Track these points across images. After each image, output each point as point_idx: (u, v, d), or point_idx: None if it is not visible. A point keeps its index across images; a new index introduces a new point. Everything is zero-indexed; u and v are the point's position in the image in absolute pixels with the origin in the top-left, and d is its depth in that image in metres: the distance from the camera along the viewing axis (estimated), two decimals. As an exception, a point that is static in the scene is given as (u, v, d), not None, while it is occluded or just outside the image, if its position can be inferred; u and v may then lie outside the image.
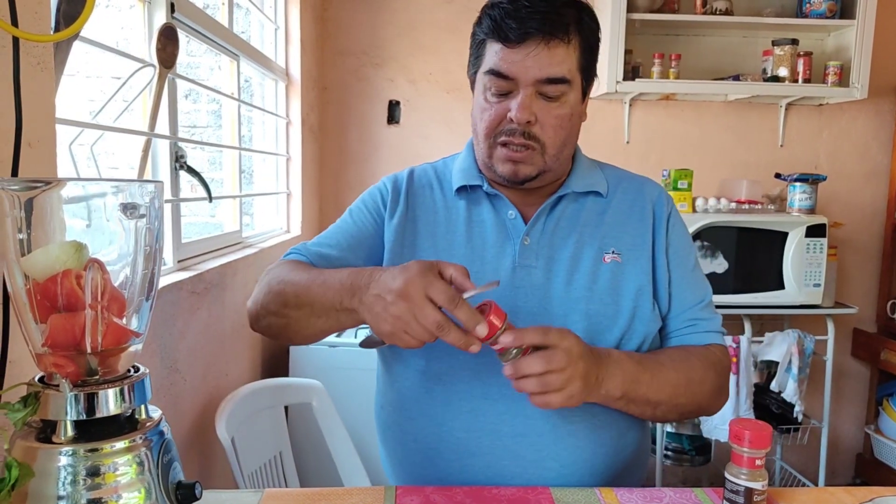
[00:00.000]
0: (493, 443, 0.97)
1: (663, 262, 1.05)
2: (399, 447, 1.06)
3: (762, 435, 0.81)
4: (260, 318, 1.02)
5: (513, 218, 1.05)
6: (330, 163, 2.84)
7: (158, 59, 1.36)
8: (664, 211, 1.08)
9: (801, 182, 2.55)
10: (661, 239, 1.06)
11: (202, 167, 1.82)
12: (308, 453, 1.90)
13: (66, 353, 0.64)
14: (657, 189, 1.12)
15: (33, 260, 0.64)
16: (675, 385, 0.97)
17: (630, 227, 1.06)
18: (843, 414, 3.01)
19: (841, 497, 0.90)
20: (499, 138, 0.99)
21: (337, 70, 2.80)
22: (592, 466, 0.98)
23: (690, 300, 1.06)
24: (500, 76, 0.96)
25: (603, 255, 1.03)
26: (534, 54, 0.94)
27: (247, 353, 1.87)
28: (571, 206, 1.07)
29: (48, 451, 0.62)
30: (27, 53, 0.84)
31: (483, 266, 1.03)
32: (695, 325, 1.06)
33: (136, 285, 0.69)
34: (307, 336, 0.99)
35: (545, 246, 1.03)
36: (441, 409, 1.00)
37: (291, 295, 0.96)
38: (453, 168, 1.12)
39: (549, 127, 0.98)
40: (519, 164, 0.99)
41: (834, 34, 2.72)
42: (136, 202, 0.68)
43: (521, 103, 0.95)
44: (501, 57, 0.96)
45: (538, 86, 0.95)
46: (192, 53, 2.04)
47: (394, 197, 1.11)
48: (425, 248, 1.06)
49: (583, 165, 1.10)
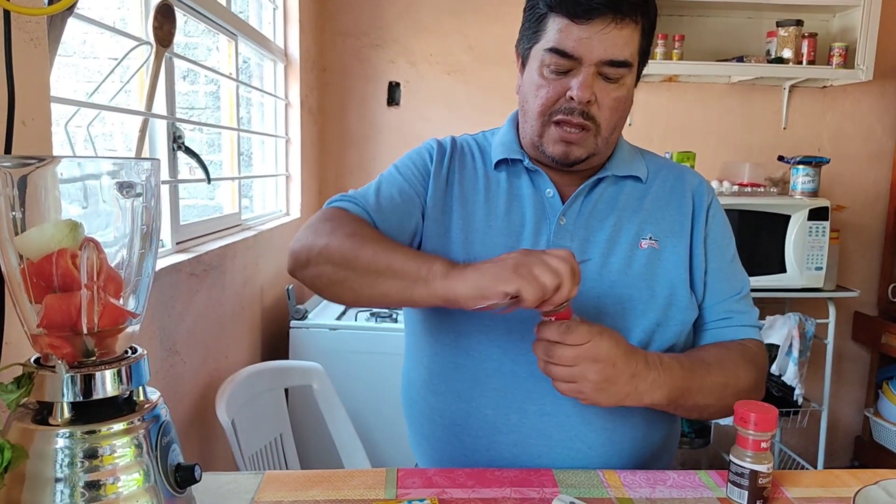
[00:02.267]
0: (521, 421, 0.97)
1: (701, 252, 1.03)
2: (426, 423, 1.06)
3: (768, 417, 0.80)
4: (311, 264, 0.93)
5: (550, 196, 1.03)
6: (329, 145, 2.82)
7: (155, 38, 1.34)
8: (704, 200, 1.06)
9: (804, 165, 2.53)
10: (700, 228, 1.04)
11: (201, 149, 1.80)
12: (308, 436, 1.90)
13: (62, 333, 0.63)
14: (697, 178, 1.10)
15: (27, 239, 0.62)
16: (722, 387, 0.95)
17: (668, 214, 1.04)
18: (842, 397, 3.01)
19: (845, 479, 0.90)
20: (554, 116, 0.97)
21: (337, 51, 2.77)
22: (620, 450, 0.98)
23: (727, 291, 1.05)
24: (563, 55, 0.93)
25: (640, 241, 1.01)
26: (603, 33, 0.91)
27: (247, 335, 1.86)
28: (610, 189, 1.05)
29: (45, 432, 0.61)
30: (20, 29, 0.82)
31: (518, 242, 1.01)
32: (730, 318, 1.04)
33: (133, 265, 0.68)
34: (363, 297, 0.92)
35: (581, 227, 1.02)
36: (469, 386, 0.99)
37: (368, 250, 0.89)
38: (493, 141, 1.10)
39: (607, 108, 0.96)
40: (572, 146, 0.97)
41: (839, 15, 2.68)
42: (133, 181, 0.67)
43: (583, 82, 0.93)
44: (567, 34, 0.92)
45: (601, 67, 0.93)
46: (189, 34, 2.01)
47: (439, 158, 1.08)
48: (464, 215, 1.03)
49: (624, 150, 1.08)
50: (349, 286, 0.91)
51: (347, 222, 0.95)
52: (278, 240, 2.18)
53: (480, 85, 2.78)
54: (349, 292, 0.92)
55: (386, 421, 1.96)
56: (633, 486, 0.87)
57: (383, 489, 0.84)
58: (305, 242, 0.95)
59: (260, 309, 1.98)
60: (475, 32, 2.75)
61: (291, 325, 1.98)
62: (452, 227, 1.03)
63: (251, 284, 1.89)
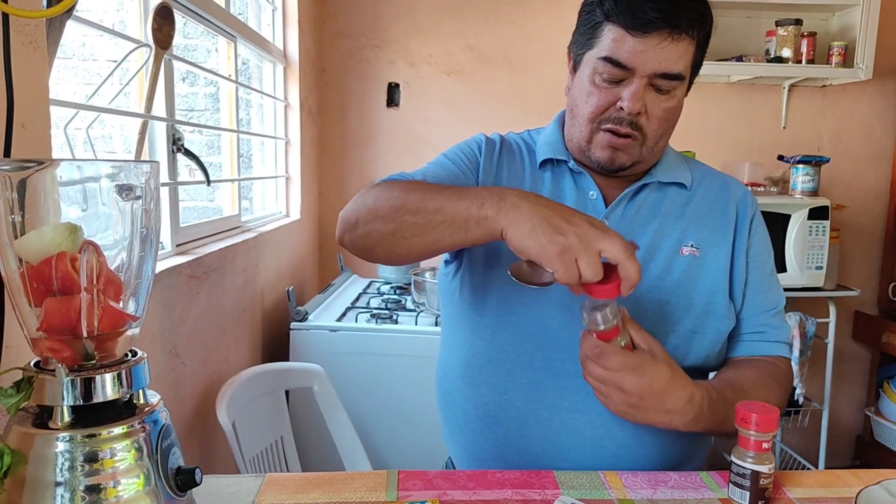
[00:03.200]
0: (552, 416, 0.97)
1: (742, 263, 1.04)
2: (460, 413, 1.07)
3: (769, 418, 0.80)
4: (360, 223, 0.92)
5: (594, 198, 1.04)
6: (329, 146, 2.82)
7: (154, 40, 1.33)
8: (748, 211, 1.07)
9: (803, 164, 2.53)
10: (743, 239, 1.05)
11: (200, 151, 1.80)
12: (309, 438, 1.90)
13: (62, 337, 0.63)
14: (742, 188, 1.10)
15: (27, 242, 0.62)
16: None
17: (711, 222, 1.04)
18: (843, 396, 3.01)
19: (847, 479, 0.89)
20: (603, 124, 0.97)
21: (336, 52, 2.77)
22: (651, 451, 0.98)
23: (763, 305, 1.05)
24: (616, 64, 0.93)
25: (681, 248, 1.02)
26: (659, 47, 0.91)
27: (247, 337, 1.86)
28: (654, 194, 1.05)
29: (45, 436, 0.61)
30: (18, 32, 0.82)
31: None
32: (764, 332, 1.05)
33: (133, 268, 0.68)
34: (414, 250, 0.88)
35: (623, 232, 1.00)
36: (503, 379, 1.00)
37: (415, 198, 0.86)
38: (539, 140, 1.11)
39: (656, 119, 0.96)
40: (618, 152, 0.98)
41: (838, 14, 2.68)
42: (132, 183, 0.67)
43: (634, 94, 0.93)
44: (622, 45, 0.92)
45: (653, 78, 0.93)
46: (188, 35, 2.01)
47: (489, 152, 1.09)
48: None
49: (670, 157, 1.08)
50: (401, 237, 0.87)
51: (396, 183, 0.95)
52: (278, 241, 2.18)
53: (480, 85, 2.78)
54: (402, 243, 0.88)
55: (387, 422, 1.96)
56: (634, 486, 0.87)
57: (384, 491, 0.84)
58: (354, 206, 0.94)
59: (260, 311, 1.98)
60: (474, 33, 2.75)
61: (292, 326, 1.97)
62: None
63: (251, 286, 1.89)
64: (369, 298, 2.30)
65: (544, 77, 2.77)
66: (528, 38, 2.76)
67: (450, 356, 1.10)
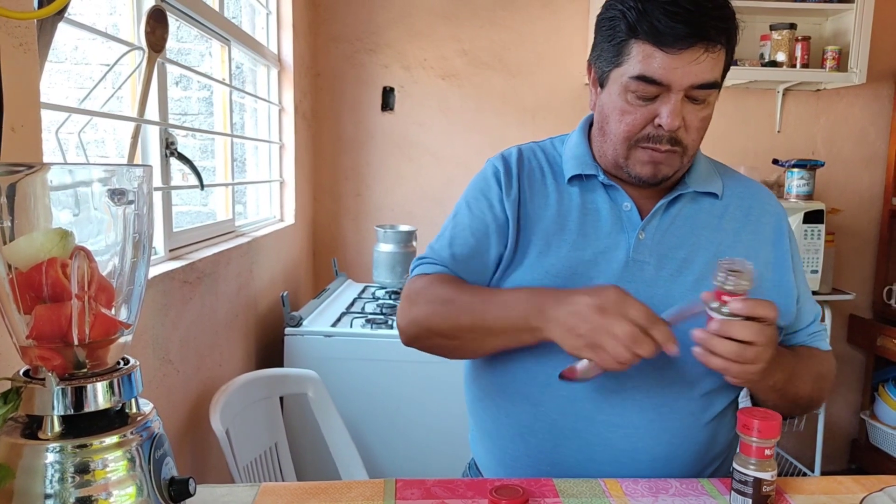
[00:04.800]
0: (587, 428, 0.97)
1: (791, 279, 1.03)
2: (491, 421, 1.06)
3: (771, 424, 0.79)
4: (422, 338, 1.01)
5: (628, 210, 1.02)
6: (324, 150, 2.81)
7: (147, 43, 1.32)
8: (784, 226, 1.07)
9: (798, 168, 2.54)
10: (786, 255, 1.04)
11: (194, 155, 1.78)
12: (304, 444, 1.88)
13: (52, 345, 0.61)
14: (774, 200, 1.10)
15: (16, 248, 0.61)
16: (814, 380, 0.99)
17: (746, 237, 1.03)
18: (838, 400, 3.01)
19: (849, 486, 0.89)
20: (641, 143, 0.95)
21: (330, 56, 2.76)
22: (684, 463, 0.98)
23: (811, 315, 1.07)
24: (651, 82, 0.91)
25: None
26: (695, 62, 0.89)
27: (241, 343, 1.84)
28: (689, 206, 1.04)
29: (34, 447, 0.59)
30: (9, 34, 0.80)
31: (596, 256, 1.00)
32: (815, 335, 1.07)
33: (125, 274, 0.67)
34: (480, 354, 1.03)
35: (659, 243, 1.01)
36: (538, 390, 0.99)
37: (466, 317, 0.95)
38: (564, 153, 1.08)
39: (694, 130, 0.95)
40: (660, 166, 0.96)
41: (832, 18, 2.69)
42: (124, 188, 0.65)
43: (673, 111, 0.91)
44: (655, 62, 0.90)
45: (689, 90, 0.91)
46: (182, 39, 2.00)
47: (507, 182, 1.06)
48: (537, 232, 1.02)
49: (702, 163, 1.06)
50: (467, 349, 1.01)
51: (434, 289, 1.00)
52: (272, 246, 2.16)
53: (475, 89, 2.77)
54: (470, 353, 1.03)
55: (382, 429, 1.94)
56: (636, 494, 0.86)
57: (382, 500, 0.83)
58: (408, 317, 1.01)
59: (254, 316, 1.97)
60: (469, 37, 2.75)
61: (286, 332, 1.96)
62: (527, 245, 1.02)
63: (245, 291, 1.87)
64: (364, 303, 2.29)
65: (539, 81, 2.77)
66: (523, 42, 2.76)
67: (481, 363, 1.08)
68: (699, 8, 0.88)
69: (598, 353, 0.82)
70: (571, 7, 2.75)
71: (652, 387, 0.96)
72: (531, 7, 2.75)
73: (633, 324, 0.80)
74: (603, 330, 0.81)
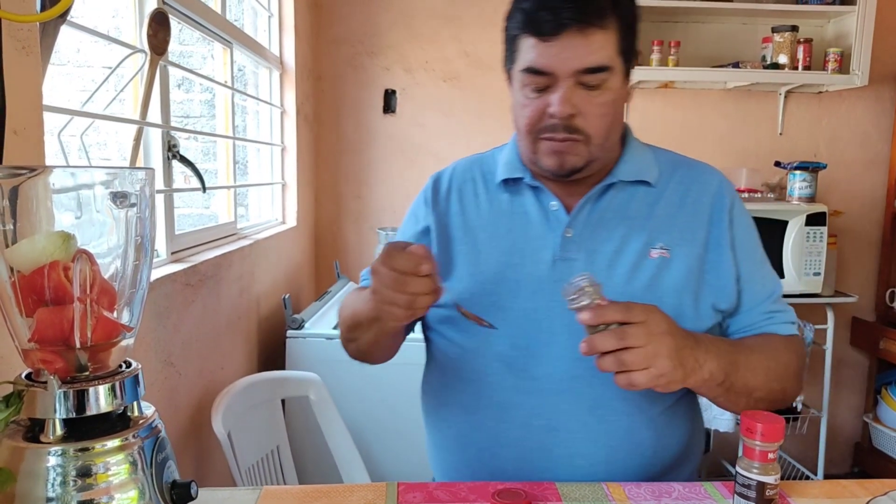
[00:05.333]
0: (524, 435, 0.96)
1: (729, 258, 1.00)
2: (436, 432, 1.07)
3: (775, 428, 0.78)
4: (347, 349, 1.11)
5: (555, 209, 1.01)
6: (326, 152, 2.81)
7: (150, 46, 1.32)
8: (726, 202, 1.02)
9: (800, 170, 2.53)
10: (724, 233, 1.01)
11: (196, 158, 1.78)
12: (306, 447, 1.88)
13: (54, 348, 0.61)
14: (717, 177, 1.06)
15: (19, 251, 0.61)
16: (767, 368, 0.94)
17: (681, 220, 1.01)
18: (841, 403, 3.00)
19: (853, 490, 0.88)
20: (541, 134, 0.96)
21: (332, 59, 2.76)
22: (626, 468, 0.96)
23: (762, 294, 1.02)
24: (536, 73, 0.92)
25: (650, 250, 0.98)
26: (570, 46, 0.89)
27: (243, 346, 1.84)
28: (620, 195, 1.02)
29: (36, 450, 0.59)
30: (11, 37, 0.80)
31: (523, 259, 1.00)
32: (772, 317, 1.02)
33: (128, 277, 0.66)
34: (377, 352, 1.07)
35: (588, 238, 1.00)
36: (472, 399, 0.99)
37: (349, 319, 1.04)
38: (499, 160, 1.09)
39: (593, 117, 0.94)
40: (564, 156, 0.96)
41: (834, 21, 2.69)
42: (127, 191, 0.65)
43: (560, 98, 0.91)
44: (537, 52, 0.91)
45: (578, 76, 0.91)
46: (184, 42, 2.00)
47: (434, 196, 1.10)
48: (467, 242, 1.04)
49: (633, 150, 1.05)
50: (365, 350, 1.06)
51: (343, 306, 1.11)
52: (274, 249, 2.16)
53: (477, 91, 2.77)
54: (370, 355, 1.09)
55: (385, 432, 1.94)
56: (638, 498, 0.86)
57: (384, 503, 0.82)
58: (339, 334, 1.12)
59: (256, 319, 1.97)
60: (471, 39, 2.75)
61: (288, 334, 1.96)
62: (456, 256, 1.04)
63: (247, 294, 1.87)
64: (366, 306, 2.28)
65: (541, 83, 2.76)
66: (524, 44, 2.76)
67: (426, 374, 1.11)
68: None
69: (393, 313, 0.85)
70: (573, 9, 2.74)
71: (585, 388, 0.95)
72: (533, 9, 2.75)
73: (394, 270, 0.82)
74: (380, 291, 0.85)
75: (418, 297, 0.82)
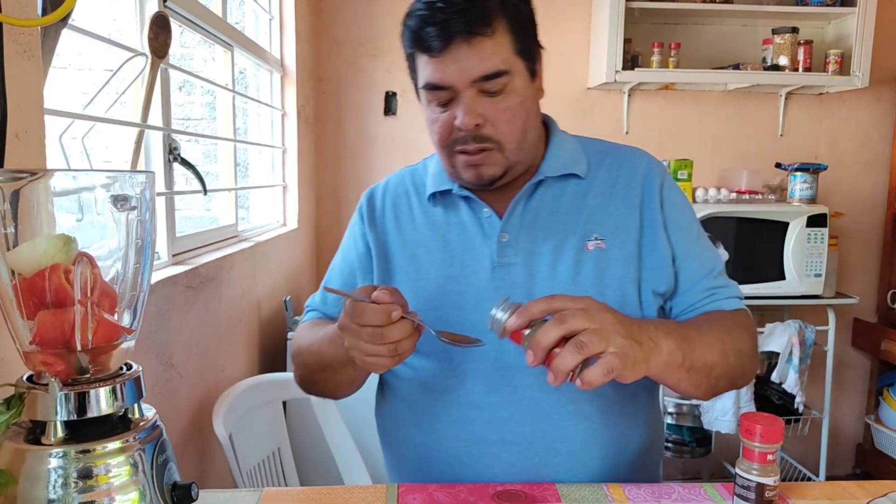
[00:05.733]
0: (482, 451, 0.94)
1: (663, 238, 0.98)
2: (394, 454, 1.06)
3: (774, 429, 0.79)
4: (304, 387, 1.06)
5: (487, 216, 1.00)
6: (326, 155, 2.81)
7: (151, 49, 1.33)
8: (655, 183, 1.00)
9: (801, 172, 2.54)
10: (656, 214, 0.98)
11: (197, 160, 1.79)
12: (307, 449, 1.88)
13: (55, 350, 0.62)
14: (645, 159, 1.04)
15: (20, 254, 0.61)
16: (721, 342, 0.90)
17: (613, 208, 0.99)
18: (843, 404, 3.00)
19: (853, 491, 0.88)
20: (455, 147, 0.94)
21: (333, 61, 2.77)
22: (591, 471, 0.94)
23: (701, 271, 0.99)
24: (436, 88, 0.91)
25: (586, 243, 0.97)
26: (461, 57, 0.88)
27: (244, 348, 1.84)
28: (550, 192, 1.00)
29: (37, 452, 0.60)
30: (12, 41, 0.81)
31: (463, 270, 0.99)
32: (714, 293, 0.99)
33: (128, 280, 0.67)
34: (345, 389, 1.01)
35: (524, 240, 0.98)
36: (428, 419, 0.98)
37: (312, 363, 0.99)
38: (429, 171, 1.08)
39: (501, 123, 0.92)
40: (480, 167, 0.94)
41: (834, 22, 2.69)
42: (127, 194, 0.66)
43: (463, 110, 0.90)
44: (431, 68, 0.90)
45: (477, 85, 0.89)
46: (185, 45, 2.00)
47: (369, 213, 1.08)
48: (406, 258, 1.03)
49: (558, 145, 1.03)
50: (332, 389, 1.02)
51: (302, 338, 1.04)
52: (275, 251, 2.17)
53: (477, 94, 2.77)
54: (339, 392, 1.02)
55: (385, 433, 1.94)
56: (638, 499, 0.86)
57: (384, 505, 0.83)
58: (294, 374, 1.07)
59: (257, 320, 1.97)
60: (471, 42, 2.75)
61: (289, 336, 1.96)
62: (397, 274, 1.02)
63: (248, 296, 1.87)
64: (367, 308, 2.28)
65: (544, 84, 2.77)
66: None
67: (379, 397, 1.10)
68: (446, 4, 0.88)
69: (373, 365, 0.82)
70: (573, 12, 2.75)
71: (540, 395, 0.93)
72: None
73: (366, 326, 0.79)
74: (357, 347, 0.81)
75: (400, 343, 0.79)
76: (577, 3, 2.74)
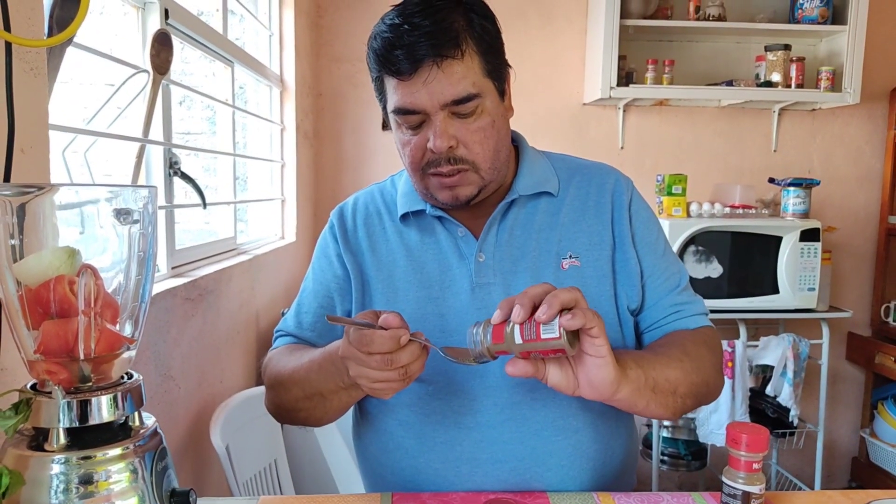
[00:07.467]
0: (473, 471, 0.94)
1: (632, 254, 0.99)
2: (378, 480, 1.04)
3: (759, 438, 0.81)
4: (282, 416, 1.02)
5: (463, 236, 1.00)
6: (325, 169, 2.84)
7: (152, 65, 1.35)
8: (624, 199, 1.01)
9: (794, 186, 2.56)
10: (626, 230, 0.99)
11: (196, 174, 1.81)
12: (303, 461, 1.89)
13: (59, 359, 0.64)
14: (613, 175, 1.04)
15: (26, 266, 0.63)
16: (680, 361, 0.90)
17: (586, 225, 1.00)
18: (838, 418, 3.01)
19: (838, 500, 0.90)
20: (428, 169, 0.93)
21: (332, 76, 2.80)
22: (580, 483, 0.96)
23: (666, 287, 1.00)
24: (406, 112, 0.90)
25: (561, 262, 0.97)
26: (431, 81, 0.87)
27: (241, 359, 1.86)
28: (524, 211, 1.01)
29: (40, 458, 0.61)
30: (20, 59, 0.83)
31: (442, 291, 0.98)
32: (679, 310, 1.00)
33: (130, 291, 0.69)
34: (333, 417, 0.97)
35: (501, 259, 0.98)
36: (415, 442, 0.97)
37: (297, 392, 0.94)
38: (398, 189, 1.07)
39: (473, 143, 0.91)
40: (456, 189, 0.94)
41: (826, 39, 2.73)
42: (130, 208, 0.68)
43: (436, 133, 0.89)
44: (401, 92, 0.89)
45: (448, 108, 0.89)
46: (186, 60, 2.03)
47: (342, 233, 1.06)
48: (383, 279, 1.02)
49: (529, 163, 1.03)
50: (316, 417, 0.97)
51: (281, 366, 0.99)
52: (274, 264, 2.19)
53: (474, 109, 2.80)
54: (322, 420, 0.97)
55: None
56: (628, 508, 0.87)
57: (378, 513, 0.84)
58: (268, 400, 1.04)
59: (255, 333, 1.98)
60: (468, 58, 2.78)
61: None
62: (374, 295, 1.02)
63: (246, 308, 1.89)
64: (364, 320, 2.30)
65: (538, 102, 2.80)
66: (522, 63, 2.80)
67: (359, 420, 1.07)
68: (412, 27, 0.86)
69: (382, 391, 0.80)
70: (570, 29, 2.79)
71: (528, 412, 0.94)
72: (529, 29, 2.79)
73: (374, 353, 0.77)
74: (364, 374, 0.79)
75: (410, 366, 0.78)
76: (572, 20, 2.79)
